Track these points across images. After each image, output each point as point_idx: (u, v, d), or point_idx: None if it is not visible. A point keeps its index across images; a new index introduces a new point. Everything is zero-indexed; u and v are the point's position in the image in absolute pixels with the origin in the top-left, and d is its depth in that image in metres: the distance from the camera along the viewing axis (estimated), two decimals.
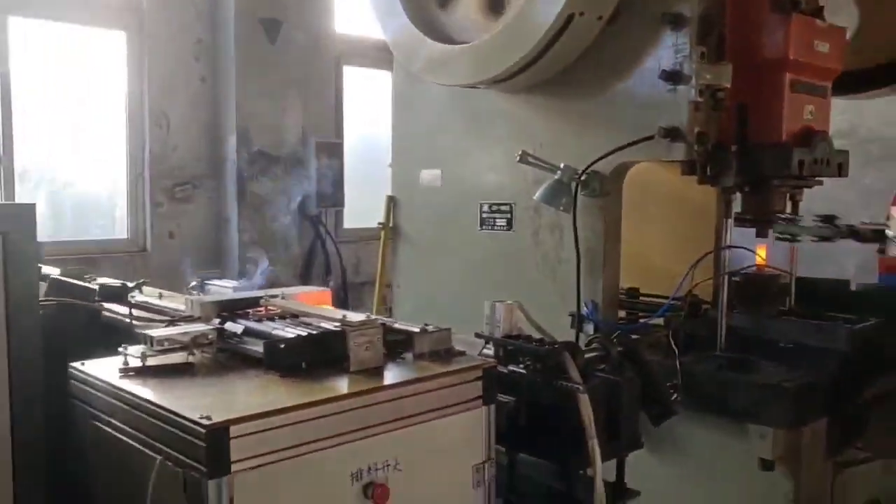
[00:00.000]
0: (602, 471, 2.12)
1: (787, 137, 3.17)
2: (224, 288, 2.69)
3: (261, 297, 2.36)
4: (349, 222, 7.19)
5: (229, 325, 2.12)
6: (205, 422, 1.56)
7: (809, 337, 3.32)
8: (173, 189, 6.19)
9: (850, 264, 7.04)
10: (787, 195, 3.42)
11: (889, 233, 2.68)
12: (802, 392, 2.98)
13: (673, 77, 3.14)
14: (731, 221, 3.39)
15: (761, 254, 3.91)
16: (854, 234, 3.09)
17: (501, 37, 3.42)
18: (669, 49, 3.18)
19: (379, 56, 7.09)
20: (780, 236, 3.61)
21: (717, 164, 3.15)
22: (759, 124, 3.17)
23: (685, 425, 3.15)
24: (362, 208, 7.26)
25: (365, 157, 7.32)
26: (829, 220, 3.83)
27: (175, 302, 2.62)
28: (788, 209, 3.49)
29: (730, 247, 3.47)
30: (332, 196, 6.64)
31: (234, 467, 1.59)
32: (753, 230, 3.52)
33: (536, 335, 2.18)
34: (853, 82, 4.31)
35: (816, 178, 3.36)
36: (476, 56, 3.55)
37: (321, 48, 6.58)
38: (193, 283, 2.66)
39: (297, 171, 6.51)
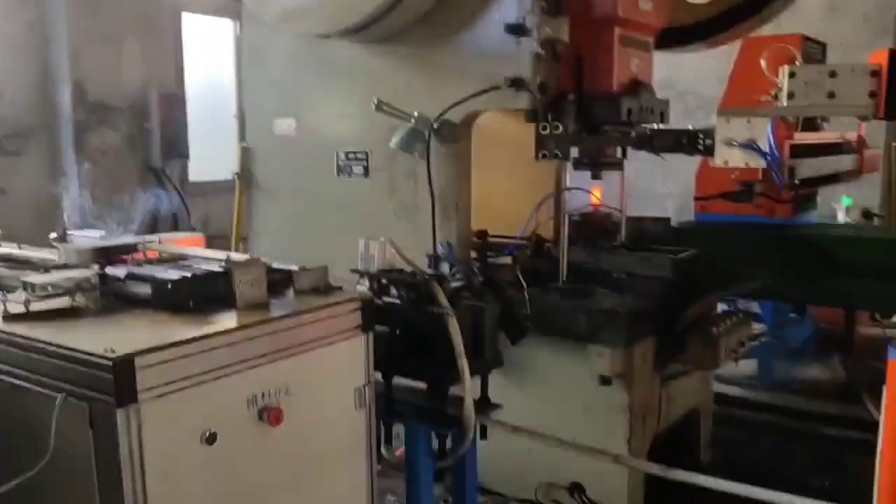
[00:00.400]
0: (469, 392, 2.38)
1: (617, 88, 3.51)
2: (90, 238, 2.68)
3: (138, 243, 2.41)
4: (195, 175, 7.05)
5: (111, 270, 2.17)
6: (110, 355, 1.65)
7: (638, 267, 3.75)
8: (1, 142, 5.82)
9: (671, 205, 7.77)
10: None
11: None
12: (633, 315, 3.39)
13: (516, 30, 3.38)
14: (569, 165, 3.71)
15: (596, 194, 4.31)
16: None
17: None
18: (513, 3, 3.42)
19: (218, 3, 6.95)
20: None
21: (557, 112, 3.43)
22: (592, 76, 3.49)
23: (533, 349, 3.49)
24: (208, 160, 7.13)
25: (208, 108, 7.17)
26: None
27: (40, 253, 2.60)
28: (619, 153, 3.86)
29: (568, 188, 3.81)
30: (176, 148, 6.48)
31: (140, 397, 1.69)
32: (589, 174, 3.87)
33: (408, 268, 2.38)
34: (677, 37, 4.78)
35: (642, 125, 3.73)
36: (330, 6, 3.63)
37: None
38: (55, 235, 2.63)
39: (138, 122, 6.30)
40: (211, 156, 7.28)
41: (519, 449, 3.61)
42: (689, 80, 8.29)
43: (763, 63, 2.61)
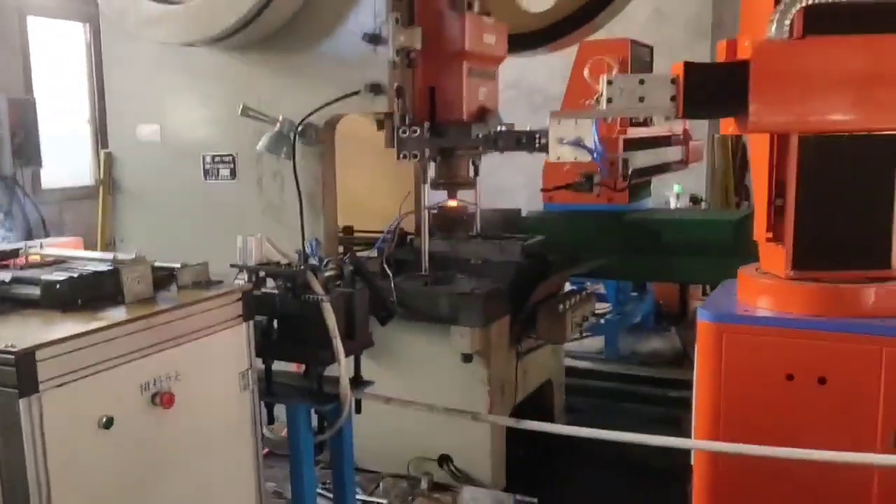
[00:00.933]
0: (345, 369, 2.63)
1: (467, 116, 3.83)
2: None
3: (19, 248, 2.50)
4: (48, 182, 6.87)
5: None
6: (12, 349, 1.79)
7: (492, 254, 4.12)
8: None
9: (523, 197, 8.27)
10: (470, 161, 4.10)
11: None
12: (489, 297, 3.73)
13: (374, 39, 3.65)
14: (427, 186, 3.98)
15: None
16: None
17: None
18: (369, 14, 3.68)
19: (66, 6, 6.80)
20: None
21: (422, 142, 3.69)
22: (444, 105, 3.80)
23: (400, 333, 3.78)
24: (61, 166, 6.97)
25: (60, 113, 6.99)
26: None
27: None
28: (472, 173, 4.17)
29: (428, 208, 4.07)
30: (28, 155, 6.30)
31: (41, 387, 1.84)
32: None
33: (284, 261, 2.60)
34: (522, 42, 5.19)
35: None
36: (193, 16, 3.76)
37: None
38: None
39: None
40: (64, 162, 7.12)
41: (390, 427, 3.89)
42: (535, 79, 8.86)
43: (586, 72, 3.00)
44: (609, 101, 2.52)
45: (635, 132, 5.64)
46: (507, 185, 8.65)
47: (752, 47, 2.44)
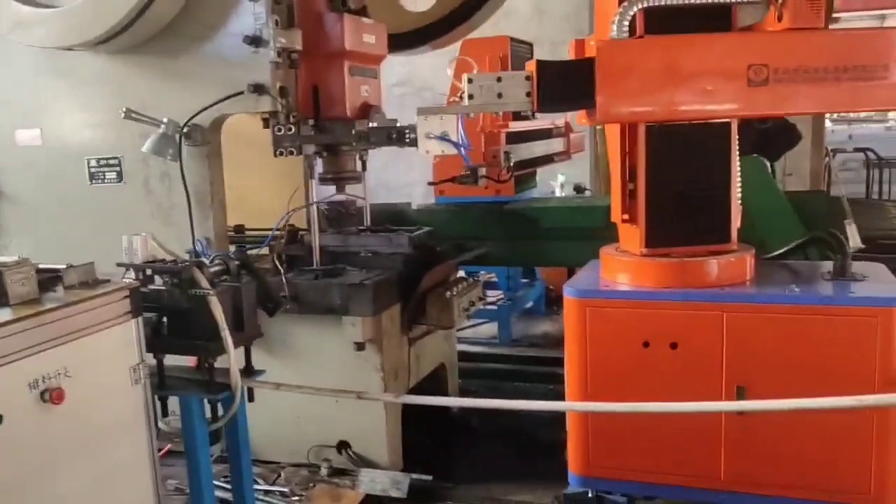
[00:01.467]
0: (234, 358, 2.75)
1: (350, 113, 3.97)
2: None
3: None
4: None
5: None
6: None
7: (381, 246, 4.28)
8: None
9: (418, 192, 8.47)
10: (357, 156, 4.25)
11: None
12: (379, 287, 3.89)
13: (255, 41, 3.75)
14: (314, 181, 4.10)
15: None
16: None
17: (94, 3, 3.69)
18: (249, 16, 3.78)
19: None
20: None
21: (298, 138, 3.83)
22: (328, 103, 3.94)
23: (295, 326, 3.91)
24: None
25: None
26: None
27: None
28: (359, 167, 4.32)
29: (316, 203, 4.18)
30: None
31: None
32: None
33: (170, 258, 2.69)
34: (405, 41, 5.37)
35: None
36: (71, 19, 3.77)
37: None
38: None
39: None
40: None
41: (289, 418, 4.02)
42: (425, 76, 9.07)
43: (449, 71, 3.21)
44: (471, 97, 2.72)
45: (518, 125, 5.90)
46: (403, 180, 8.84)
47: (597, 46, 2.70)
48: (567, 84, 2.75)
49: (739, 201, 3.02)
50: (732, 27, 2.83)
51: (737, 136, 2.93)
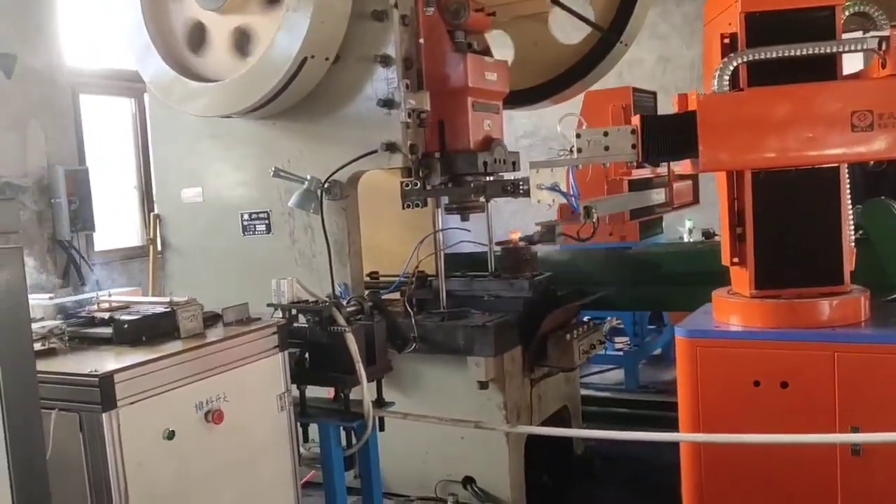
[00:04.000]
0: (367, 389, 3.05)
1: (473, 145, 4.29)
2: (40, 299, 3.18)
3: (93, 297, 2.97)
4: (100, 244, 7.44)
5: (75, 319, 2.74)
6: (96, 373, 2.24)
7: (504, 290, 4.51)
8: None
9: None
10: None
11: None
12: (500, 329, 4.12)
13: (387, 103, 4.13)
14: (441, 211, 4.45)
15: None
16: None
17: (248, 76, 4.18)
18: (383, 82, 4.17)
19: (112, 85, 7.46)
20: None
21: (426, 168, 4.18)
22: (452, 136, 4.27)
23: (422, 366, 4.19)
24: (111, 229, 7.55)
25: (110, 181, 7.61)
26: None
27: None
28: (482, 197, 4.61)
29: (442, 229, 4.53)
30: (83, 220, 6.87)
31: (119, 403, 2.28)
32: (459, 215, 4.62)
33: (312, 299, 3.03)
34: (527, 97, 5.66)
35: (499, 174, 4.52)
36: (228, 92, 4.28)
37: (57, 80, 6.81)
38: None
39: (46, 199, 6.70)
40: (113, 225, 7.70)
41: (417, 452, 4.28)
42: (550, 127, 9.31)
43: (559, 128, 3.45)
44: (579, 150, 2.94)
45: (640, 173, 6.03)
46: (531, 227, 9.06)
47: (698, 101, 2.86)
48: (669, 136, 2.92)
49: (853, 243, 3.06)
50: (837, 76, 2.91)
51: (847, 179, 2.99)
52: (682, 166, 3.35)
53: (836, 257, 2.95)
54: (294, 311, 3.01)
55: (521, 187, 3.72)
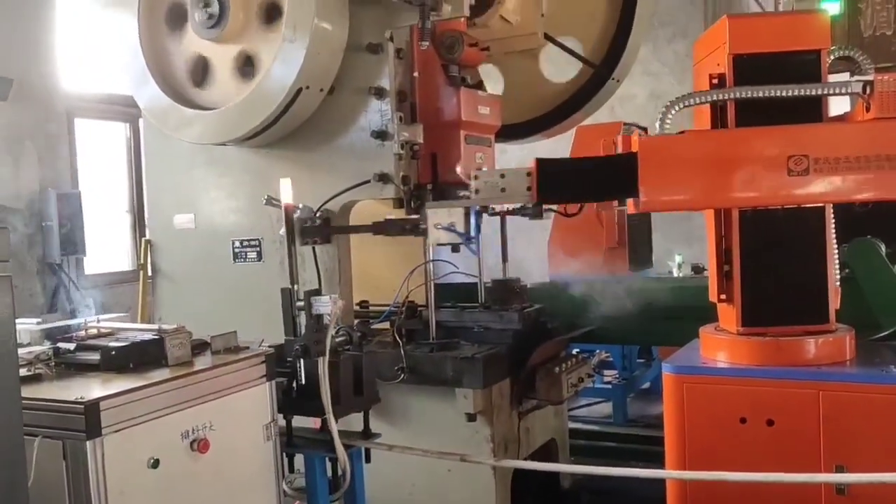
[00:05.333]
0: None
1: (465, 177, 4.31)
2: (28, 323, 3.17)
3: (80, 323, 2.96)
4: (90, 268, 7.43)
5: (62, 344, 2.73)
6: (81, 400, 2.23)
7: (494, 322, 4.52)
8: None
9: (535, 271, 8.69)
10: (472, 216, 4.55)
11: None
12: (489, 361, 4.11)
13: (381, 135, 4.18)
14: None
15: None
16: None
17: (243, 105, 4.22)
18: (376, 113, 4.22)
19: (107, 109, 7.50)
20: None
21: (418, 199, 4.21)
22: (445, 168, 4.30)
23: (410, 396, 4.17)
24: (102, 253, 7.55)
25: (102, 205, 7.62)
26: None
27: None
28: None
29: (433, 260, 4.55)
30: (74, 244, 6.87)
31: (103, 431, 2.27)
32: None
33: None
34: (519, 131, 5.72)
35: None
36: (223, 120, 4.31)
37: (53, 103, 6.85)
38: None
39: (37, 221, 6.71)
40: (104, 249, 7.70)
41: (404, 485, 4.25)
42: None
43: (458, 170, 3.54)
44: (476, 191, 3.03)
45: None
46: (521, 255, 9.10)
47: (639, 141, 2.96)
48: (564, 179, 3.07)
49: (838, 283, 3.09)
50: (823, 118, 2.97)
51: (833, 219, 3.03)
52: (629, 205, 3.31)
53: (821, 296, 2.98)
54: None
55: (420, 226, 3.79)
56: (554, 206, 4.43)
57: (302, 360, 2.96)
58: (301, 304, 3.22)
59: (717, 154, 2.85)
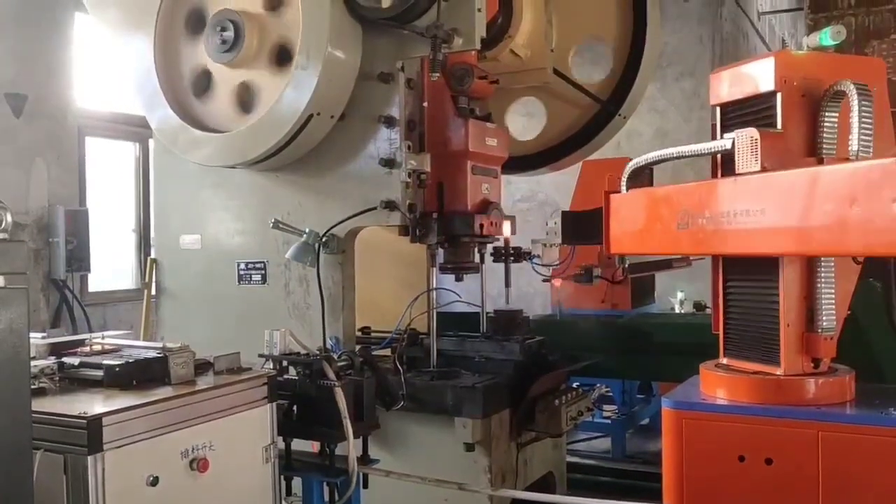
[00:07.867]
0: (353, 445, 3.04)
1: (471, 207, 4.37)
2: (34, 337, 3.20)
3: (85, 339, 2.99)
4: (94, 285, 7.46)
5: (67, 359, 2.75)
6: (84, 415, 2.25)
7: (494, 352, 4.53)
8: None
9: (537, 304, 8.71)
10: (476, 248, 4.61)
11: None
12: (489, 391, 4.12)
13: (388, 163, 4.22)
14: (435, 270, 4.50)
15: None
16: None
17: (254, 129, 4.27)
18: (385, 142, 4.27)
19: (118, 129, 7.58)
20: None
21: (424, 227, 4.25)
22: (451, 198, 4.35)
23: (409, 423, 4.17)
24: (106, 271, 7.58)
25: (109, 223, 7.67)
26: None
27: None
28: (478, 259, 4.68)
29: (436, 288, 4.58)
30: (79, 261, 6.91)
31: (105, 447, 2.28)
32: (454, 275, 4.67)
33: (304, 352, 3.05)
34: (525, 164, 5.77)
35: (495, 236, 4.59)
36: (232, 143, 4.36)
37: (65, 121, 6.93)
38: None
39: (44, 237, 6.75)
40: (109, 267, 7.74)
41: None
42: (547, 192, 9.49)
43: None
44: None
45: None
46: (524, 290, 9.14)
47: (606, 197, 3.49)
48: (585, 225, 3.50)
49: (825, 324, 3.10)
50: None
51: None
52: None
53: (772, 340, 3.05)
54: (285, 363, 3.03)
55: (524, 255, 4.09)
56: None
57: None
58: None
59: (638, 209, 3.38)
